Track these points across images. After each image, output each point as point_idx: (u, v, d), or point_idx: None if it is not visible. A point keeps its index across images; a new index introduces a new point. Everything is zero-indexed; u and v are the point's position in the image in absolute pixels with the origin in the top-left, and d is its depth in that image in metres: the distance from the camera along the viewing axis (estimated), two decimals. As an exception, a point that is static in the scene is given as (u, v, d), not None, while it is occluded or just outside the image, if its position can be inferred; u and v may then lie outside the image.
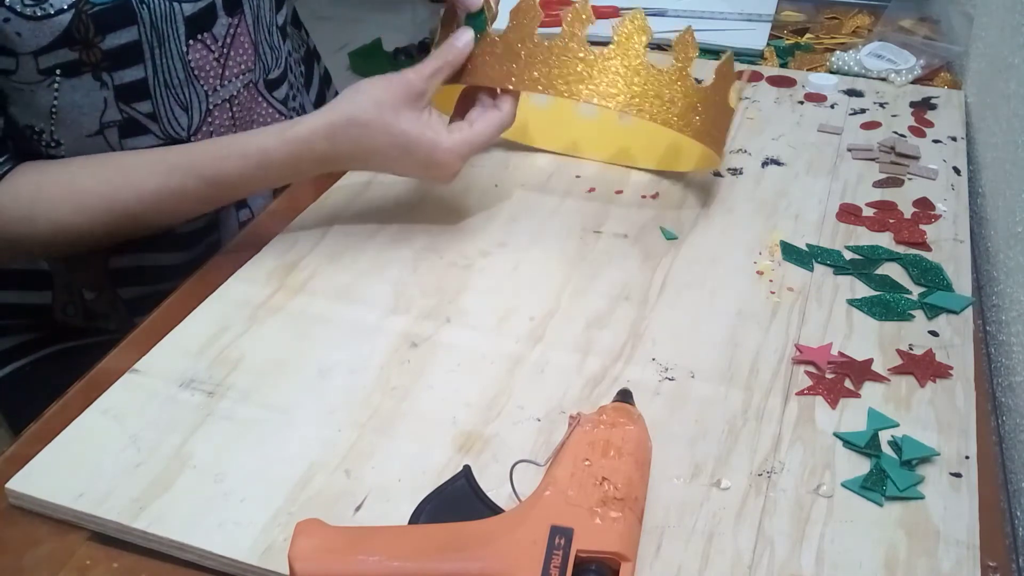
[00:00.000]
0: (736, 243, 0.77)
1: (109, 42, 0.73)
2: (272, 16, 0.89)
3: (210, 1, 0.79)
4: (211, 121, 0.83)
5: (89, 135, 0.77)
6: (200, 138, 0.83)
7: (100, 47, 0.73)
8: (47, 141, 0.77)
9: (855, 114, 0.98)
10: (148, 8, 0.74)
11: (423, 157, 0.71)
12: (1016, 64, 0.84)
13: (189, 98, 0.81)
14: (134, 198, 0.73)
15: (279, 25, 0.91)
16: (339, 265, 0.74)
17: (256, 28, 0.86)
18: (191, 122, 0.82)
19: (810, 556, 0.51)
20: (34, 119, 0.75)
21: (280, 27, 0.91)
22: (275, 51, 0.90)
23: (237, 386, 0.62)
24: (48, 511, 0.54)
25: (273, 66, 0.90)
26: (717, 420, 0.59)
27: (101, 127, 0.77)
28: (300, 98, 0.97)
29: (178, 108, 0.80)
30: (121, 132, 0.78)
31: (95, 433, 0.59)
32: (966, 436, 0.58)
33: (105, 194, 0.73)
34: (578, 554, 0.46)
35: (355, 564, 0.46)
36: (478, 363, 0.64)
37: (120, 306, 0.88)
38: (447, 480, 0.53)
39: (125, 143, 0.79)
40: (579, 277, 0.73)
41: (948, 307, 0.69)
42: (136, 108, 0.78)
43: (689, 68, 0.73)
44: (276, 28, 0.90)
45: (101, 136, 0.78)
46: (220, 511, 0.53)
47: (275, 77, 0.90)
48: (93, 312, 0.89)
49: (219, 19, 0.81)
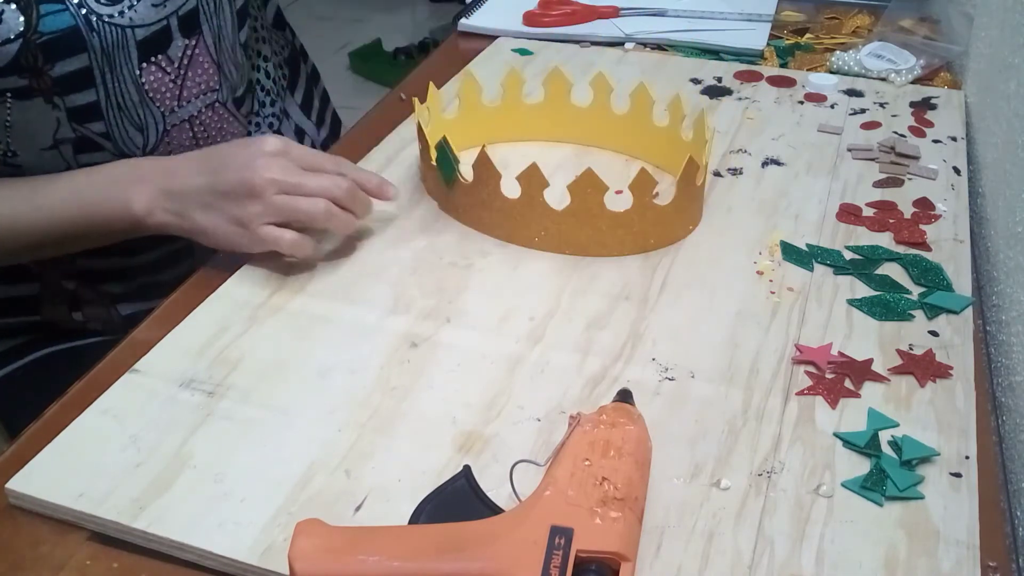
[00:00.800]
0: (736, 243, 0.77)
1: (59, 69, 0.73)
2: (235, 35, 0.88)
3: (164, 24, 0.78)
4: (169, 141, 0.83)
5: (44, 149, 0.77)
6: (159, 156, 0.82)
7: (50, 74, 0.73)
8: (4, 151, 0.77)
9: (855, 114, 0.98)
10: (99, 35, 0.74)
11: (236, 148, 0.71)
12: (1016, 64, 0.84)
13: (144, 119, 0.80)
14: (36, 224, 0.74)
15: (241, 43, 0.90)
16: (339, 265, 0.74)
17: (218, 48, 0.85)
18: (146, 141, 0.82)
19: (810, 556, 0.51)
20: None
21: (243, 44, 0.90)
22: (241, 69, 0.89)
23: (237, 386, 0.62)
24: (48, 511, 0.54)
25: (239, 84, 0.89)
26: (717, 420, 0.59)
27: (55, 143, 0.77)
28: (279, 103, 0.96)
29: (132, 128, 0.80)
30: (75, 148, 0.79)
31: (95, 433, 0.59)
32: (966, 436, 0.58)
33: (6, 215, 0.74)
34: (578, 554, 0.46)
35: (355, 564, 0.46)
36: (478, 363, 0.64)
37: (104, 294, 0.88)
38: (447, 480, 0.53)
39: (79, 158, 0.79)
40: (579, 277, 0.73)
41: (948, 307, 0.69)
42: (89, 128, 0.78)
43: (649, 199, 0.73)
44: (239, 45, 0.89)
45: (56, 150, 0.78)
46: (220, 511, 0.53)
47: (241, 95, 0.90)
48: (79, 301, 0.89)
49: (175, 41, 0.80)
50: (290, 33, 1.03)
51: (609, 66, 1.06)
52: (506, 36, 1.18)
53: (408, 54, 2.91)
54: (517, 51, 1.13)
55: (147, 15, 0.76)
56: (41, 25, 0.71)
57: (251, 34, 0.93)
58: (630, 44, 1.15)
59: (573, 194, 0.73)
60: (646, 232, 0.75)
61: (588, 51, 1.14)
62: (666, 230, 0.76)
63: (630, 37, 1.16)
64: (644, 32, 1.16)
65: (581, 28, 1.18)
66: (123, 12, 0.74)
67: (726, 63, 1.11)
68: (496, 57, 1.12)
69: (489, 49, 1.15)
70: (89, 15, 0.73)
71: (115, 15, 0.74)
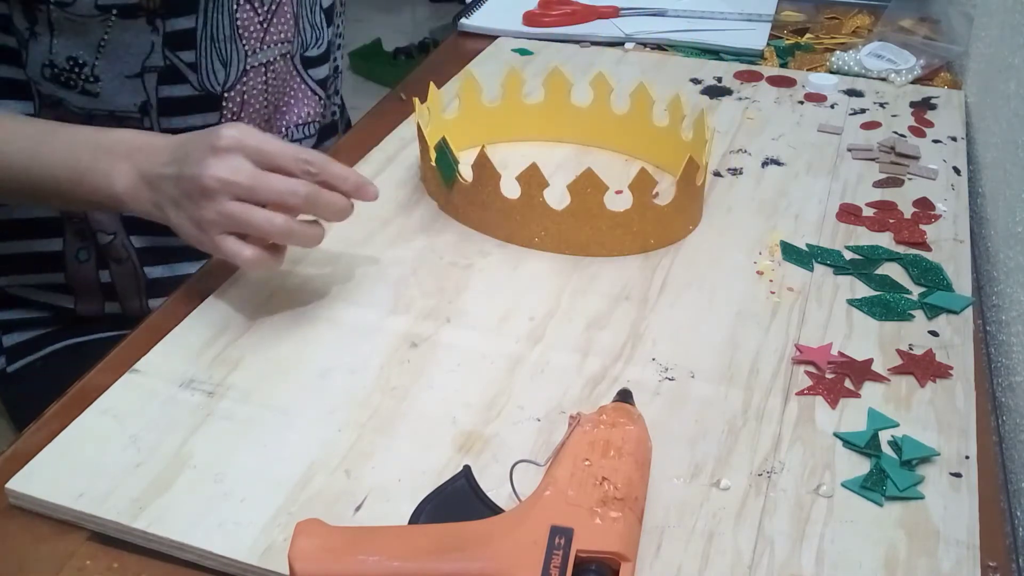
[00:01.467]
0: (736, 243, 0.77)
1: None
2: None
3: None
4: (246, 81, 0.85)
5: (129, 76, 0.79)
6: (234, 96, 0.85)
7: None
8: (87, 75, 0.77)
9: (855, 114, 0.98)
10: None
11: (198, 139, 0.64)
12: (1016, 64, 0.84)
13: (230, 55, 0.83)
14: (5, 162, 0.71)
15: (323, 7, 0.93)
16: (339, 265, 0.74)
17: (300, 2, 0.88)
18: (227, 78, 0.83)
19: (810, 556, 0.51)
20: (80, 51, 0.76)
21: (325, 9, 0.93)
22: (315, 30, 0.92)
23: (237, 386, 0.62)
24: (48, 511, 0.54)
25: (311, 44, 0.92)
26: (717, 420, 0.59)
27: (143, 70, 0.79)
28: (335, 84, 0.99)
29: (218, 63, 0.82)
30: (160, 79, 0.80)
31: (95, 433, 0.59)
32: (966, 436, 0.58)
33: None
34: (578, 554, 0.46)
35: (355, 564, 0.46)
36: (478, 363, 0.64)
37: (132, 253, 0.88)
38: (447, 480, 0.53)
39: (161, 90, 0.81)
40: (579, 277, 0.73)
41: (948, 307, 0.69)
42: (180, 56, 0.80)
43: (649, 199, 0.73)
44: (320, 8, 0.92)
45: (140, 79, 0.79)
46: (220, 511, 0.53)
47: (314, 55, 0.92)
48: (105, 258, 0.88)
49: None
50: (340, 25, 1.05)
51: (609, 66, 1.06)
52: (506, 36, 1.18)
53: (408, 54, 2.91)
54: (517, 51, 1.14)
55: None
56: None
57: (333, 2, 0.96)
58: (630, 44, 1.15)
59: (573, 194, 0.73)
60: (646, 232, 0.75)
61: (588, 51, 1.14)
62: (666, 230, 0.76)
63: (630, 37, 1.16)
64: (644, 32, 1.16)
65: (581, 28, 1.18)
66: None
67: (726, 63, 1.11)
68: (496, 57, 1.12)
69: (489, 49, 1.15)
70: None
71: None
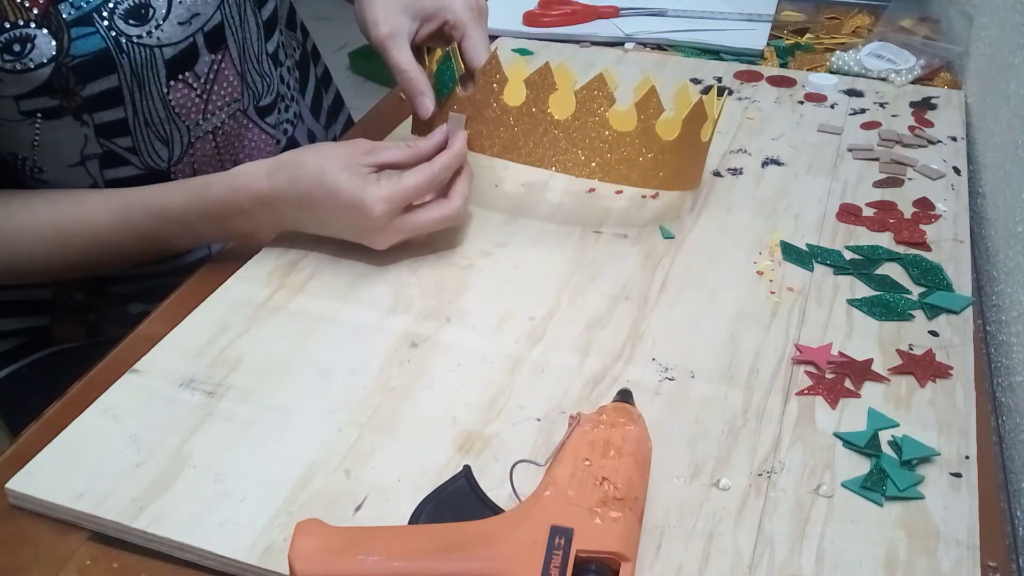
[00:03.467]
0: (736, 243, 0.77)
1: (89, 90, 0.74)
2: (261, 45, 0.88)
3: (191, 42, 0.78)
4: (192, 153, 0.83)
5: (71, 165, 0.78)
6: (182, 167, 0.83)
7: (80, 94, 0.73)
8: (31, 168, 0.77)
9: (855, 114, 0.98)
10: (128, 56, 0.74)
11: (347, 203, 0.69)
12: (1016, 64, 0.84)
13: (170, 133, 0.81)
14: (88, 231, 0.73)
15: (269, 53, 0.90)
16: (339, 265, 0.74)
17: (243, 59, 0.85)
18: (171, 155, 0.82)
19: (810, 556, 0.51)
20: (17, 148, 0.76)
21: (271, 54, 0.90)
22: (265, 78, 0.89)
23: (237, 386, 0.62)
24: (48, 511, 0.54)
25: (264, 92, 0.89)
26: (717, 420, 0.59)
27: (82, 159, 0.78)
28: (293, 107, 0.96)
29: (158, 143, 0.80)
30: (102, 163, 0.79)
31: (95, 433, 0.59)
32: (966, 436, 0.58)
33: (59, 224, 0.73)
34: (578, 554, 0.46)
35: (355, 564, 0.46)
36: (478, 363, 0.64)
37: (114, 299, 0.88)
38: (447, 480, 0.53)
39: (105, 173, 0.80)
40: (579, 277, 0.73)
41: (948, 307, 0.69)
42: (116, 143, 0.78)
43: (653, 123, 0.73)
44: (266, 56, 0.89)
45: (82, 167, 0.78)
46: (220, 511, 0.53)
47: (267, 103, 0.90)
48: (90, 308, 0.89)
49: (201, 57, 0.80)
50: (301, 35, 1.03)
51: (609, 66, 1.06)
52: (506, 36, 1.18)
53: (408, 54, 2.90)
54: (517, 51, 1.13)
55: (174, 34, 0.77)
56: (72, 48, 0.71)
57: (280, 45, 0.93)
58: (630, 44, 1.15)
59: (580, 101, 0.71)
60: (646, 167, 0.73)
61: (588, 51, 1.14)
62: (670, 171, 0.75)
63: (630, 37, 1.16)
64: (644, 32, 1.16)
65: (581, 28, 1.18)
66: (151, 32, 0.75)
67: (726, 63, 1.11)
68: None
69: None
70: (119, 37, 0.73)
71: (143, 35, 0.74)
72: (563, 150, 0.73)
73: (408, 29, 0.78)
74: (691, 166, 0.79)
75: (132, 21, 0.74)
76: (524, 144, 0.74)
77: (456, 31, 0.79)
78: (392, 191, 0.69)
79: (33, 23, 0.69)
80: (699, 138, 0.76)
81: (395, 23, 0.78)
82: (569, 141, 0.73)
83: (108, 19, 0.72)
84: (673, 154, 0.74)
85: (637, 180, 0.75)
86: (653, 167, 0.74)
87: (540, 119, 0.72)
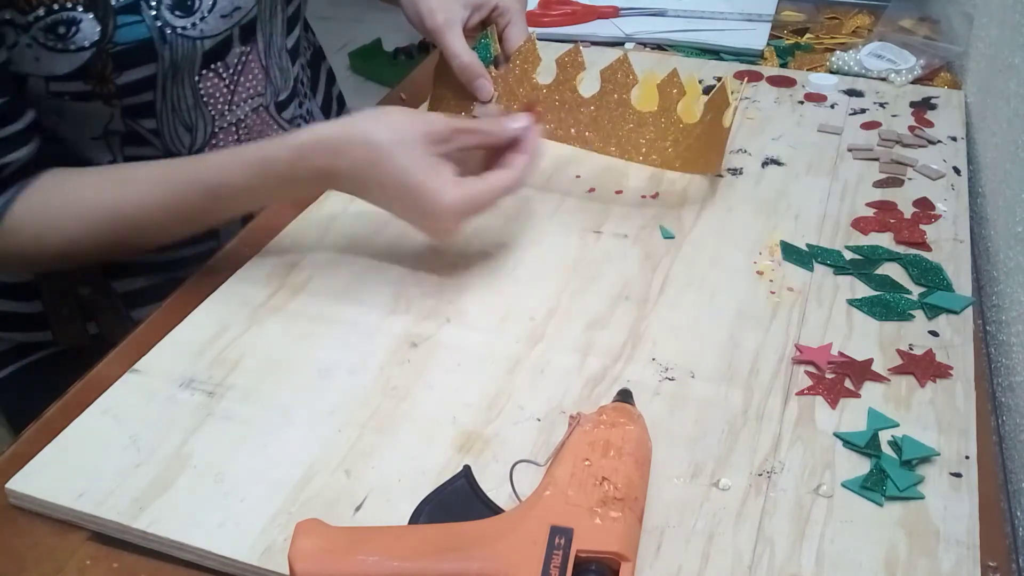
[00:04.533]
0: (736, 243, 0.77)
1: (125, 78, 0.74)
2: (283, 40, 0.89)
3: (228, 35, 0.79)
4: (215, 143, 0.84)
5: (93, 137, 0.78)
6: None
7: (115, 82, 0.74)
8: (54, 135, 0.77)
9: (855, 114, 0.98)
10: (170, 47, 0.74)
11: (421, 204, 0.66)
12: (1016, 64, 0.84)
13: (195, 121, 0.81)
14: (137, 208, 0.71)
15: (288, 48, 0.90)
16: (339, 265, 0.74)
17: (267, 53, 0.86)
18: (194, 142, 0.82)
19: (810, 556, 0.51)
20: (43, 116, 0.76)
21: (290, 50, 0.91)
22: (285, 73, 0.90)
23: (237, 386, 0.62)
24: (48, 511, 0.54)
25: (283, 88, 0.90)
26: (717, 420, 0.59)
27: (105, 133, 0.78)
28: (306, 104, 0.97)
29: (182, 128, 0.81)
30: (123, 141, 0.79)
31: (95, 433, 0.59)
32: (966, 436, 0.58)
33: (109, 204, 0.71)
34: (578, 554, 0.46)
35: (355, 564, 0.46)
36: (478, 363, 0.64)
37: (116, 300, 0.88)
38: (447, 480, 0.53)
39: (126, 150, 0.80)
40: (579, 277, 0.73)
41: (948, 307, 0.69)
42: (140, 123, 0.79)
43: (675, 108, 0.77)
44: (286, 51, 0.90)
45: (104, 140, 0.79)
46: (220, 511, 0.53)
47: (285, 98, 0.90)
48: (89, 309, 0.89)
49: (233, 48, 0.81)
50: (312, 34, 1.03)
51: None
52: (506, 36, 1.18)
53: (408, 54, 2.90)
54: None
55: (216, 26, 0.77)
56: (116, 36, 0.71)
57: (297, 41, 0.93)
58: (630, 44, 1.15)
59: (604, 79, 0.76)
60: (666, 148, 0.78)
61: (588, 51, 1.13)
62: (691, 154, 0.79)
63: (630, 37, 1.16)
64: (644, 32, 1.16)
65: (581, 28, 1.18)
66: (195, 24, 0.75)
67: (726, 63, 1.11)
68: (496, 57, 1.12)
69: (489, 49, 1.14)
70: (164, 27, 0.73)
71: (187, 27, 0.74)
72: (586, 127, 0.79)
73: (461, 17, 0.81)
74: (711, 151, 0.81)
75: (178, 12, 0.74)
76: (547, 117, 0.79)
77: (503, 18, 0.83)
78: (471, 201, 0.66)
79: (81, 6, 0.69)
80: (721, 123, 0.77)
81: (450, 12, 0.81)
82: (591, 119, 0.77)
83: (155, 9, 0.73)
84: (694, 138, 0.77)
85: (657, 160, 0.79)
86: (674, 148, 0.78)
87: (567, 98, 0.77)
